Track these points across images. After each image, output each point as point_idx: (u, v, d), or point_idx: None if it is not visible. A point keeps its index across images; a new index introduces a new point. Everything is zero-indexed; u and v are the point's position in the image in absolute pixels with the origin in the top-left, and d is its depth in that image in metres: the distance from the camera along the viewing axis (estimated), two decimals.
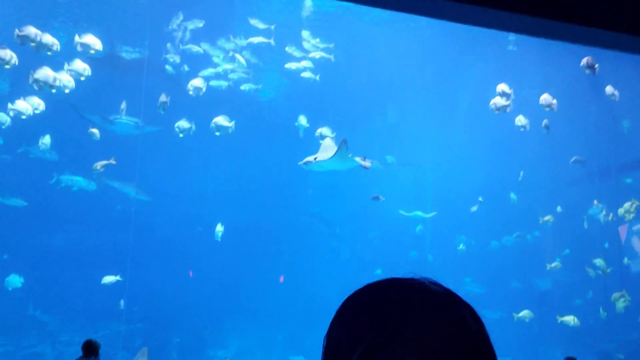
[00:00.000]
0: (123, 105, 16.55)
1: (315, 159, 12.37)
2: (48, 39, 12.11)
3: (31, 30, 11.95)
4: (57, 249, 18.78)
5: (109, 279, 16.10)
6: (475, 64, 19.12)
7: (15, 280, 16.42)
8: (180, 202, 19.94)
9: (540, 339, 19.94)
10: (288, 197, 21.05)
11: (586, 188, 20.54)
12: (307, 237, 20.92)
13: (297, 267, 20.75)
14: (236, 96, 18.25)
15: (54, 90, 12.48)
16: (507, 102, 13.12)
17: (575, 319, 16.43)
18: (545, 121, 14.72)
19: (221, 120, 15.03)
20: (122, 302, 15.05)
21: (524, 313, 17.31)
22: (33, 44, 11.92)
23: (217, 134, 15.09)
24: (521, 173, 19.98)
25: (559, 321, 16.60)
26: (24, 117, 13.54)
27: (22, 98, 13.45)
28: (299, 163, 12.85)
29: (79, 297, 17.69)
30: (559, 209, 20.16)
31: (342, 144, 11.70)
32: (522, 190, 20.99)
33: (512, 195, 20.35)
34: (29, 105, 13.33)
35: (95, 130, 15.12)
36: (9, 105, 13.44)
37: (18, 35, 11.85)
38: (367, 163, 12.75)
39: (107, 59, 16.14)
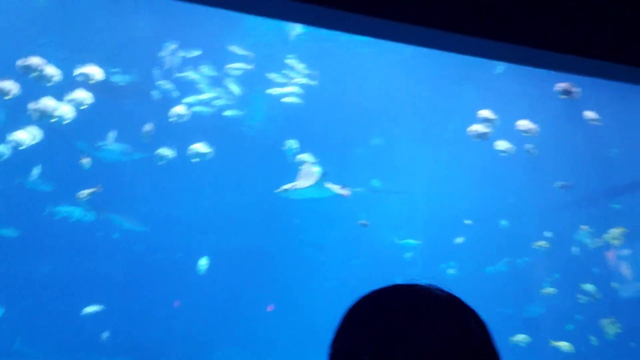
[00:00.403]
0: (112, 133, 16.51)
1: (293, 186, 12.56)
2: (50, 70, 12.14)
3: (34, 61, 11.98)
4: (42, 280, 18.50)
5: (90, 309, 15.85)
6: (463, 89, 19.31)
7: None
8: (168, 231, 19.77)
9: None
10: (276, 223, 20.96)
11: (574, 214, 20.67)
12: (296, 264, 20.76)
13: (287, 295, 20.54)
14: (221, 123, 18.26)
15: (53, 120, 12.45)
16: (487, 130, 13.18)
17: (569, 344, 16.37)
18: (528, 145, 14.83)
19: (199, 147, 15.07)
20: (105, 334, 14.70)
21: (521, 337, 17.21)
22: (35, 74, 11.92)
23: (195, 160, 15.03)
24: (512, 202, 20.12)
25: (552, 345, 16.52)
26: (22, 147, 13.43)
27: (20, 128, 13.32)
28: (276, 191, 12.96)
29: (63, 329, 17.34)
30: (547, 234, 20.24)
31: (322, 177, 11.90)
32: (510, 216, 21.12)
33: (503, 222, 20.41)
34: (28, 135, 13.24)
35: (85, 160, 15.04)
36: (7, 137, 13.32)
37: (21, 66, 11.84)
38: (345, 191, 12.95)
39: (98, 85, 16.11)
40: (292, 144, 17.38)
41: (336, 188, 12.99)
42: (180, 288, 19.69)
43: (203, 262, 16.71)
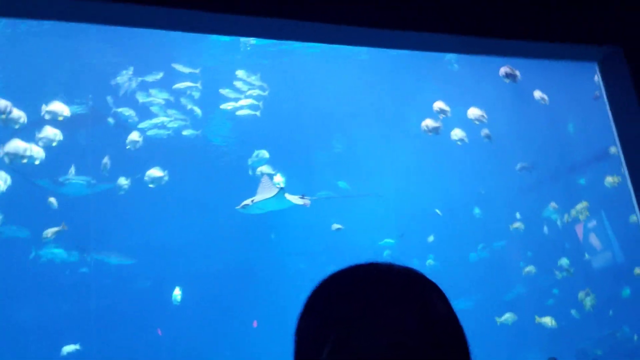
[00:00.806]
0: (72, 169, 16.15)
1: (252, 201, 12.49)
2: (16, 112, 12.07)
3: (1, 104, 11.82)
4: (22, 323, 18.02)
5: (68, 348, 15.50)
6: (418, 85, 19.57)
7: None
8: (143, 259, 19.40)
9: (519, 343, 20.19)
10: (252, 238, 20.86)
11: (540, 193, 21.14)
12: (276, 276, 20.64)
13: (272, 308, 20.44)
14: (180, 144, 18.08)
15: (24, 161, 12.24)
16: (438, 124, 13.40)
17: (553, 320, 16.67)
18: (484, 130, 15.05)
19: (154, 171, 14.94)
20: None
21: (507, 316, 17.46)
22: (2, 117, 11.73)
23: (151, 186, 14.83)
24: (482, 190, 20.41)
25: (536, 322, 16.81)
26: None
27: None
28: (237, 207, 12.87)
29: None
30: (517, 215, 20.64)
31: (280, 191, 11.88)
32: (479, 203, 21.48)
33: (476, 210, 20.71)
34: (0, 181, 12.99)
35: (52, 199, 14.76)
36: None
37: None
38: (305, 201, 12.94)
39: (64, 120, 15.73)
40: (257, 156, 17.28)
41: (296, 199, 12.96)
42: (162, 315, 19.37)
43: (177, 292, 16.35)
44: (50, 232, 14.23)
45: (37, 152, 12.66)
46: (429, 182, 21.30)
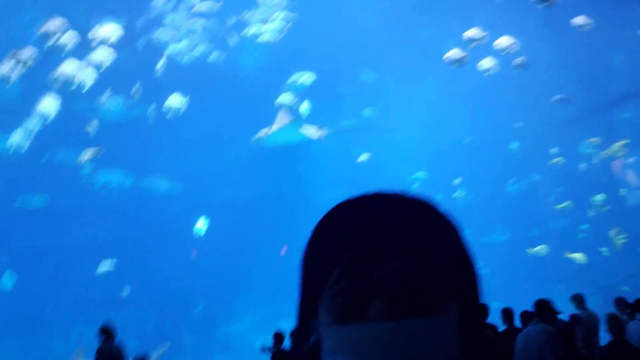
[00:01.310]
0: (107, 93, 16.19)
1: (266, 133, 11.90)
2: (69, 35, 12.03)
3: (54, 26, 11.76)
4: (68, 246, 19.15)
5: (104, 266, 16.36)
6: (452, 15, 18.72)
7: (7, 280, 16.55)
8: (181, 184, 19.91)
9: (546, 277, 20.25)
10: (284, 172, 21.16)
11: (578, 127, 20.39)
12: (304, 208, 20.95)
13: (300, 240, 20.85)
14: (207, 70, 18.04)
15: (75, 85, 12.41)
16: (463, 55, 12.62)
17: (583, 255, 16.51)
18: (519, 59, 14.22)
19: (173, 99, 14.74)
20: (125, 289, 15.13)
21: (538, 248, 17.38)
22: (53, 41, 11.76)
23: (170, 115, 14.76)
24: (518, 123, 19.77)
25: (566, 256, 16.69)
26: (48, 120, 13.46)
27: (41, 100, 13.26)
28: (251, 141, 12.29)
29: (88, 290, 17.94)
30: (553, 150, 20.12)
31: (293, 122, 11.26)
32: (515, 136, 20.96)
33: (513, 144, 20.26)
34: (51, 105, 13.25)
35: (93, 123, 15.02)
36: (35, 110, 13.33)
37: (43, 33, 11.70)
38: (321, 133, 12.28)
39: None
40: (295, 81, 16.61)
41: (312, 130, 12.44)
42: (195, 241, 20.19)
43: (200, 224, 16.56)
44: (87, 153, 14.57)
45: (87, 75, 12.68)
46: (461, 114, 20.79)
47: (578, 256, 17.00)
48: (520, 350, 5.34)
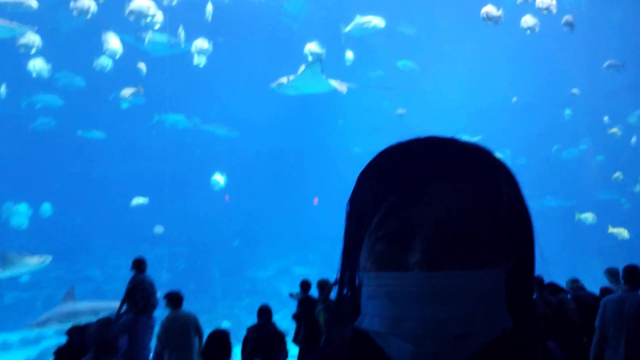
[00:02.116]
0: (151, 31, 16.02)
1: (289, 79, 11.20)
2: None
3: None
4: (110, 179, 19.81)
5: (137, 200, 16.80)
6: None
7: (46, 209, 17.15)
8: (238, 131, 20.00)
9: (583, 248, 19.93)
10: (317, 124, 21.06)
11: (632, 95, 19.48)
12: (339, 160, 20.89)
13: (327, 193, 21.07)
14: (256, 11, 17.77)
15: (148, 20, 12.31)
16: (499, 12, 11.64)
17: (626, 231, 16.07)
18: (567, 17, 13.25)
19: (199, 43, 14.56)
20: (157, 227, 15.55)
21: (587, 215, 16.98)
22: None
23: (197, 59, 14.60)
24: (574, 90, 18.90)
25: (609, 231, 16.28)
26: (117, 57, 13.64)
27: (108, 39, 13.30)
28: (271, 85, 11.68)
29: (126, 224, 18.50)
30: (605, 119, 19.37)
31: (315, 62, 10.40)
32: (567, 102, 20.15)
33: (567, 111, 19.56)
34: (117, 45, 13.33)
35: (141, 65, 15.08)
36: (104, 48, 13.45)
37: None
38: (343, 86, 11.51)
39: None
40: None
41: (335, 83, 11.73)
42: (228, 188, 20.56)
43: (218, 178, 16.59)
44: (127, 92, 14.68)
45: (158, 13, 12.56)
46: (509, 75, 20.07)
47: (621, 231, 16.50)
48: (632, 317, 5.14)
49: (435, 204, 0.65)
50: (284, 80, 11.09)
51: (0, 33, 11.49)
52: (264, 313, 6.43)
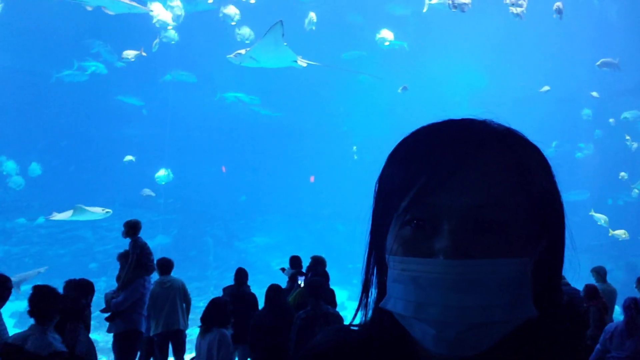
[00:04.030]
0: None
1: (245, 50, 10.09)
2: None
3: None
4: (117, 141, 19.86)
5: (128, 158, 16.88)
6: None
7: (35, 168, 17.31)
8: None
9: (582, 244, 19.86)
10: (314, 96, 21.04)
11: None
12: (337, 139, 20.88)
13: (323, 171, 21.07)
14: None
15: None
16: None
17: (626, 233, 16.07)
18: (558, 4, 12.89)
19: (228, 10, 14.47)
20: (146, 190, 15.47)
21: (600, 216, 16.91)
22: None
23: (234, 23, 14.50)
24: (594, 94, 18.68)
25: (610, 235, 16.29)
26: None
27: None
28: (228, 56, 10.65)
29: (121, 188, 18.48)
30: (611, 121, 19.20)
31: (276, 25, 8.78)
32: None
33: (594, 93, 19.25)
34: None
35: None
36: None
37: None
38: (302, 62, 10.38)
39: None
40: None
41: (299, 60, 10.51)
42: (225, 159, 20.59)
43: (162, 173, 16.53)
44: (130, 53, 14.52)
45: None
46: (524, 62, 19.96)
47: (620, 233, 16.52)
48: None
49: (464, 191, 0.65)
50: (242, 51, 10.06)
51: (118, 8, 11.53)
52: (240, 276, 6.71)
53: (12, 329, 5.03)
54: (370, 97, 20.62)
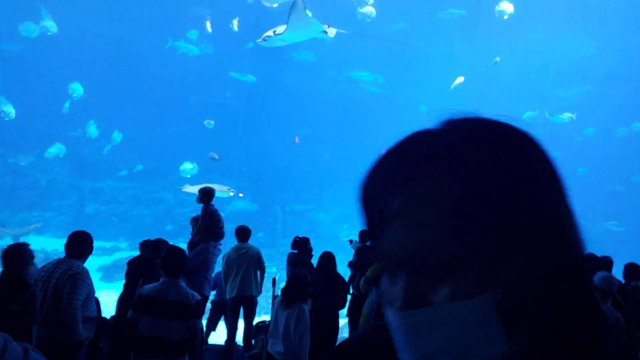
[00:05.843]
0: None
1: (274, 32, 9.66)
2: None
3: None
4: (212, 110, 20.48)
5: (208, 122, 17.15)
6: None
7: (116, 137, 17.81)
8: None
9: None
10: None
11: None
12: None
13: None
14: None
15: None
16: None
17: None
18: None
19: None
20: (212, 153, 15.80)
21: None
22: None
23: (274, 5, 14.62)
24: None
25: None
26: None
27: None
28: (258, 41, 10.34)
29: (202, 153, 19.20)
30: None
31: (297, 3, 8.54)
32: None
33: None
34: None
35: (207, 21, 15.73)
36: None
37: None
38: (331, 31, 9.79)
39: None
40: None
41: (329, 29, 9.90)
42: (298, 131, 20.75)
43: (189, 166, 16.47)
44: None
45: None
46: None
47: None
48: None
49: (397, 241, 0.57)
50: (270, 33, 9.70)
51: None
52: (300, 244, 6.97)
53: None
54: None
